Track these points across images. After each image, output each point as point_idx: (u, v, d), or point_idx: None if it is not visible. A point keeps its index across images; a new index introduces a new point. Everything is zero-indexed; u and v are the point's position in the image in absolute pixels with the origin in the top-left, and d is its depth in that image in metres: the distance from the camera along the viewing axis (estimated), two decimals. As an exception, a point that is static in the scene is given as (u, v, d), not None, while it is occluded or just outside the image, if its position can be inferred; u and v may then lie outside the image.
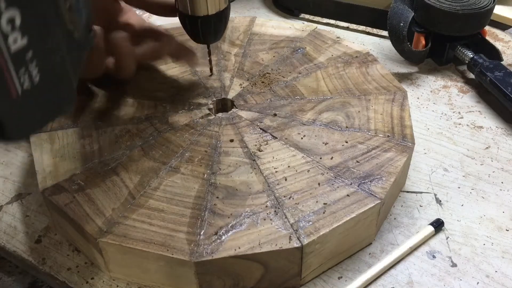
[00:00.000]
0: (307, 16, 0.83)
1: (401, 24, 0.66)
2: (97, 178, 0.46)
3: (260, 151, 0.48)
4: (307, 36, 0.65)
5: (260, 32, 0.66)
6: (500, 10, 0.78)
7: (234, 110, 0.54)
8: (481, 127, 0.60)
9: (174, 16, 0.52)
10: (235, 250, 0.40)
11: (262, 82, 0.57)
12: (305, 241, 0.40)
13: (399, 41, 0.67)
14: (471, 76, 0.68)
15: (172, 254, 0.40)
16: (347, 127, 0.51)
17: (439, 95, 0.65)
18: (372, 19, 0.77)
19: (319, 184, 0.45)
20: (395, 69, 0.70)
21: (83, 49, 0.37)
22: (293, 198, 0.44)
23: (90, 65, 0.47)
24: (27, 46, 0.30)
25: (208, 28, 0.51)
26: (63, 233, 0.48)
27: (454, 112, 0.63)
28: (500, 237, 0.48)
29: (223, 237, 0.41)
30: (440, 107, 0.63)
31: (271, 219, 0.42)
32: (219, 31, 0.52)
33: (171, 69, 0.60)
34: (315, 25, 0.70)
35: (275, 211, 0.43)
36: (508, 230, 0.48)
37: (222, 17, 0.51)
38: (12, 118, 0.31)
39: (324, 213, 0.42)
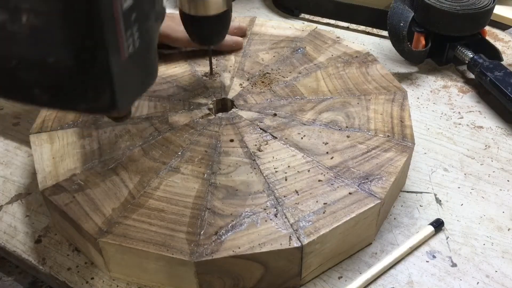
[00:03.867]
0: (307, 16, 0.83)
1: (401, 24, 0.66)
2: (97, 178, 0.46)
3: (260, 151, 0.48)
4: (307, 36, 0.65)
5: (260, 32, 0.66)
6: (500, 10, 0.78)
7: (234, 110, 0.54)
8: (481, 127, 0.60)
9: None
10: (235, 250, 0.40)
11: (262, 82, 0.57)
12: (305, 241, 0.40)
13: (399, 41, 0.67)
14: (471, 76, 0.68)
15: (172, 254, 0.40)
16: (347, 127, 0.51)
17: (439, 95, 0.65)
18: (372, 19, 0.77)
19: (319, 184, 0.45)
20: (395, 69, 0.70)
21: (159, 20, 0.38)
22: (293, 198, 0.44)
23: None
24: (133, 6, 0.31)
25: (207, 30, 0.51)
26: (63, 233, 0.48)
27: (454, 112, 0.62)
28: (500, 237, 0.48)
29: (223, 237, 0.41)
30: (440, 107, 0.63)
31: (271, 219, 0.42)
32: (219, 34, 0.52)
33: (171, 69, 0.60)
34: (315, 25, 0.70)
35: (275, 211, 0.43)
36: (508, 230, 0.48)
37: (222, 19, 0.50)
38: (120, 81, 0.32)
39: (324, 213, 0.42)
